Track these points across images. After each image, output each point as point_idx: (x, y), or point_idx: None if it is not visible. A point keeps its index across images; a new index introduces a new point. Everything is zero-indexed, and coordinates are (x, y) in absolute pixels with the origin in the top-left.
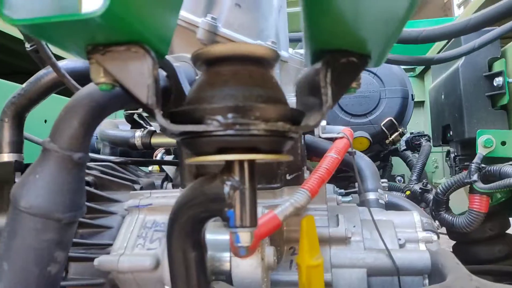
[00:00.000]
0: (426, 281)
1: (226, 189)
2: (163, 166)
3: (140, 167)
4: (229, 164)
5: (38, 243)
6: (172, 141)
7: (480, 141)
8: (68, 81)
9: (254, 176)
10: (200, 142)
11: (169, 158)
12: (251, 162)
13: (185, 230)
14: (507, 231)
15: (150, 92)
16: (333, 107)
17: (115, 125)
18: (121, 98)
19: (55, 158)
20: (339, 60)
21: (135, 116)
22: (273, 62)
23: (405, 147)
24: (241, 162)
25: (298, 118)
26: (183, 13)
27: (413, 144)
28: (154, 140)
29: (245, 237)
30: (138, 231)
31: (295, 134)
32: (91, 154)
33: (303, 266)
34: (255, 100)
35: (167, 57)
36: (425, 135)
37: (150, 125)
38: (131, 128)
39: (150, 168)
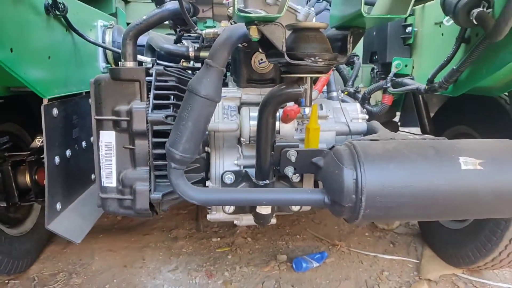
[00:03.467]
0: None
1: (302, 89)
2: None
3: None
4: (301, 78)
5: (207, 113)
6: None
7: (394, 63)
8: (185, 13)
9: (312, 84)
10: (300, 67)
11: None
12: (312, 77)
13: (272, 106)
14: (394, 119)
15: (283, 44)
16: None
17: (163, 40)
18: (241, 39)
19: (216, 71)
20: (356, 30)
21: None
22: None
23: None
24: (307, 77)
25: (336, 58)
26: None
27: (350, 61)
28: (201, 54)
29: (308, 110)
30: (222, 111)
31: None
32: (167, 63)
33: (311, 128)
34: (324, 50)
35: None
36: (357, 55)
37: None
38: (174, 43)
39: None
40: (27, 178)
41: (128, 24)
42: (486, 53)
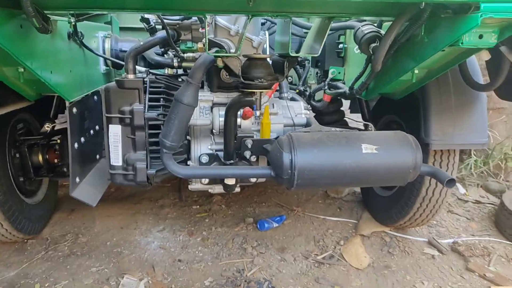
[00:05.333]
0: (304, 128)
1: (254, 99)
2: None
3: None
4: (253, 92)
5: (188, 115)
6: (191, 65)
7: (330, 71)
8: (171, 41)
9: (262, 95)
10: (251, 85)
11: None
12: (260, 92)
13: (233, 109)
14: (342, 108)
15: (239, 70)
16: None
17: (154, 53)
18: (212, 63)
19: (194, 87)
20: (291, 59)
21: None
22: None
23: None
24: (256, 92)
25: (277, 78)
26: (223, 21)
27: (302, 63)
28: (183, 64)
29: (259, 113)
30: (199, 110)
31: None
32: (155, 71)
33: (264, 123)
34: (268, 74)
35: (212, 38)
36: (307, 60)
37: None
38: (162, 54)
39: None
40: (40, 157)
41: (121, 28)
42: (380, 73)
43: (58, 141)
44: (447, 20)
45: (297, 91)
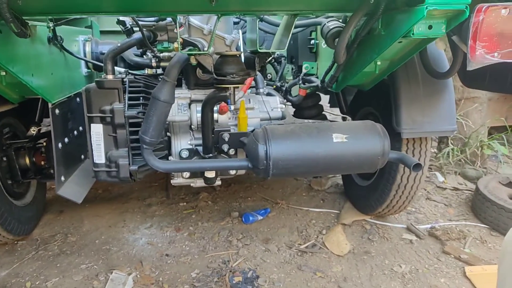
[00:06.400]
0: (279, 121)
1: (228, 93)
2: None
3: None
4: (226, 87)
5: (165, 111)
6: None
7: (303, 66)
8: (147, 42)
9: (235, 91)
10: (224, 81)
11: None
12: (233, 87)
13: (209, 105)
14: (320, 103)
15: (212, 67)
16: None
17: (132, 54)
18: (186, 61)
19: (169, 84)
20: (261, 55)
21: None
22: (240, 55)
23: (272, 60)
24: (230, 87)
25: (249, 73)
26: (196, 22)
27: (278, 60)
28: (162, 64)
29: (233, 107)
30: (177, 107)
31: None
32: (135, 72)
33: (240, 117)
34: (239, 70)
35: (187, 38)
36: (284, 56)
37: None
38: (141, 55)
39: None
40: (27, 160)
41: (101, 32)
42: (346, 66)
43: (44, 144)
44: (400, 14)
45: (274, 86)
